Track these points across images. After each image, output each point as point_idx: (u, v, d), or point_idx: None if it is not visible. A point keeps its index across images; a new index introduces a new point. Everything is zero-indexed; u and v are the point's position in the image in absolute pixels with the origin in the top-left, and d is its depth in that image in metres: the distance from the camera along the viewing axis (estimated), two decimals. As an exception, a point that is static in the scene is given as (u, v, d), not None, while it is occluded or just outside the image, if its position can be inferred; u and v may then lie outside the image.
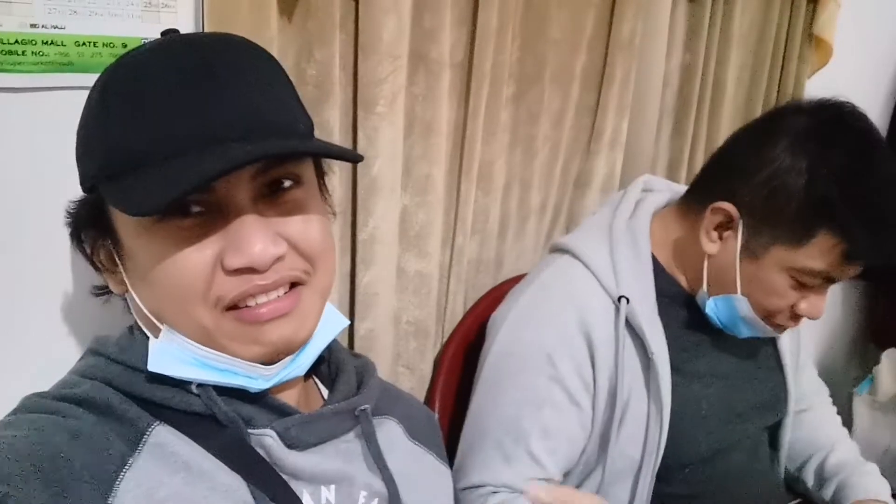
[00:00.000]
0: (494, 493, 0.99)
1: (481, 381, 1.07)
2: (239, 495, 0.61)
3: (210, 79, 0.57)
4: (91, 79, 0.81)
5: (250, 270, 0.59)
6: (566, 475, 1.05)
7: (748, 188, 0.97)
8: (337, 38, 0.97)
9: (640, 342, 1.02)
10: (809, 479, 1.24)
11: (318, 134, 0.68)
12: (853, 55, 1.83)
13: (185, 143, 0.56)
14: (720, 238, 1.01)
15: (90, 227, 0.65)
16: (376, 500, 0.70)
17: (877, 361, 1.97)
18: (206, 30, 0.86)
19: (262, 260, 0.58)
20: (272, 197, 0.61)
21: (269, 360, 0.64)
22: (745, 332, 1.06)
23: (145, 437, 0.61)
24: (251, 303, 0.60)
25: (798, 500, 1.29)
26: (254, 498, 0.62)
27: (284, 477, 0.64)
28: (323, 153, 0.62)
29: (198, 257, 0.58)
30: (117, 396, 0.62)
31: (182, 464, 0.60)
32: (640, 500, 1.05)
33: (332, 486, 0.67)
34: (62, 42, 0.79)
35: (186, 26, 0.87)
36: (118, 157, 0.58)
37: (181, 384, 0.64)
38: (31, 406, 0.61)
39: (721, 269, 1.02)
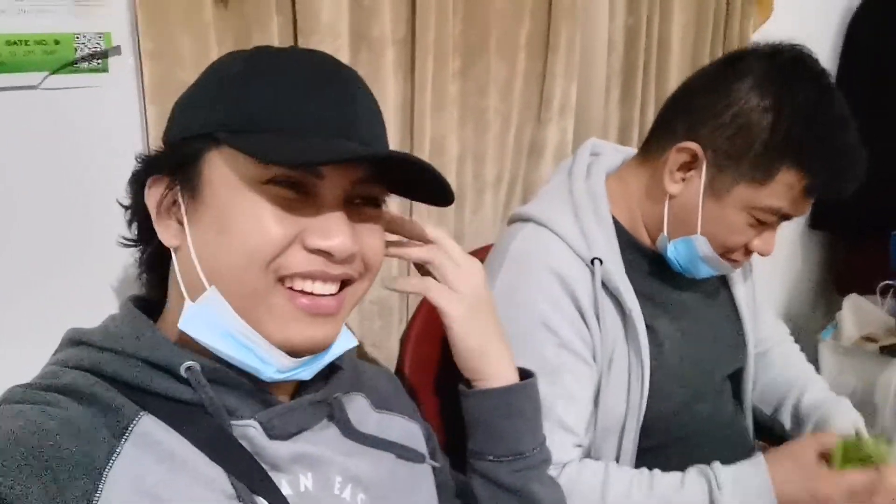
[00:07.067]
0: None
1: None
2: (218, 485, 0.62)
3: (340, 84, 0.67)
4: (25, 78, 0.82)
5: (327, 255, 0.64)
6: None
7: (712, 128, 1.00)
8: (275, 21, 0.97)
9: (616, 301, 1.05)
10: (786, 420, 1.26)
11: None
12: (795, 7, 1.86)
13: (320, 125, 0.64)
14: (683, 179, 1.04)
15: (169, 173, 0.67)
16: (350, 484, 0.72)
17: (839, 307, 2.02)
18: (139, 20, 0.86)
19: (343, 249, 0.64)
20: (357, 206, 0.69)
21: (294, 354, 0.66)
22: (703, 272, 1.08)
23: (131, 426, 0.61)
24: (303, 287, 0.65)
25: (762, 444, 1.32)
26: (234, 488, 0.62)
27: (265, 467, 0.65)
28: (441, 180, 0.69)
29: (279, 228, 0.63)
30: (101, 385, 0.62)
31: (167, 453, 0.61)
32: (625, 455, 1.07)
33: (310, 474, 0.69)
34: (-8, 41, 0.78)
35: (119, 16, 0.87)
36: (256, 116, 0.64)
37: (170, 371, 0.64)
38: (17, 397, 0.61)
39: (683, 209, 1.04)
